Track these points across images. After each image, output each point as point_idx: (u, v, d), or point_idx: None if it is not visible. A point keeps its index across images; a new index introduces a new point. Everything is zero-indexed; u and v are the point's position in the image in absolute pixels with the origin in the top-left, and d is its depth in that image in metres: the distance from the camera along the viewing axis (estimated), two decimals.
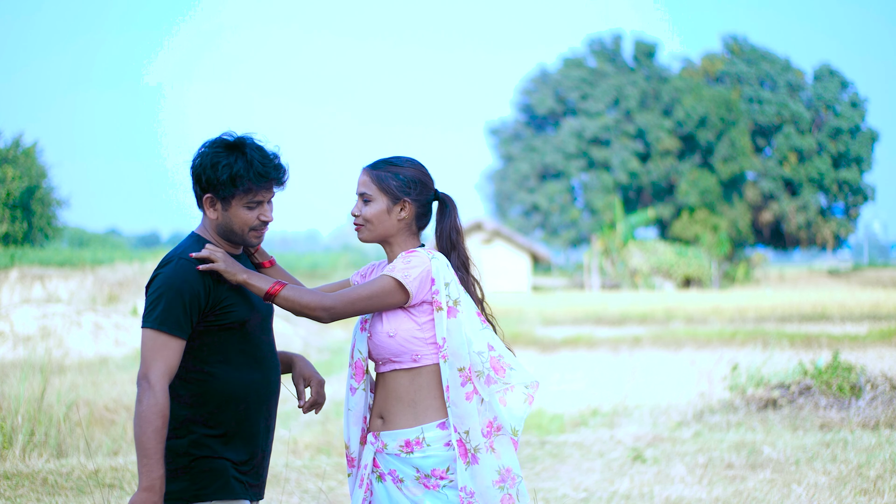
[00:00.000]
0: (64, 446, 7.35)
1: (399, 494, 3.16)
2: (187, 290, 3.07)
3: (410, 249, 3.26)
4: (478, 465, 3.12)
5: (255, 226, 3.16)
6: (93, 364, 14.75)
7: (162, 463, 2.98)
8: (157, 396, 3.00)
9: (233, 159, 3.11)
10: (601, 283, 43.63)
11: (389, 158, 3.31)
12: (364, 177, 3.28)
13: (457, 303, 3.19)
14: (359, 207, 3.28)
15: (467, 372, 3.17)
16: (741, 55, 56.45)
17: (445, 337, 3.16)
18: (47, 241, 36.82)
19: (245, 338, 3.17)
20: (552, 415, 10.14)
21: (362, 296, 3.14)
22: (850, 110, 54.53)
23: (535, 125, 57.65)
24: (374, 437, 3.24)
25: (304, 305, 3.09)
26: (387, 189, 3.25)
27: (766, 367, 11.20)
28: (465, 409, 3.15)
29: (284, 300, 3.09)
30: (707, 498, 6.36)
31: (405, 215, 3.27)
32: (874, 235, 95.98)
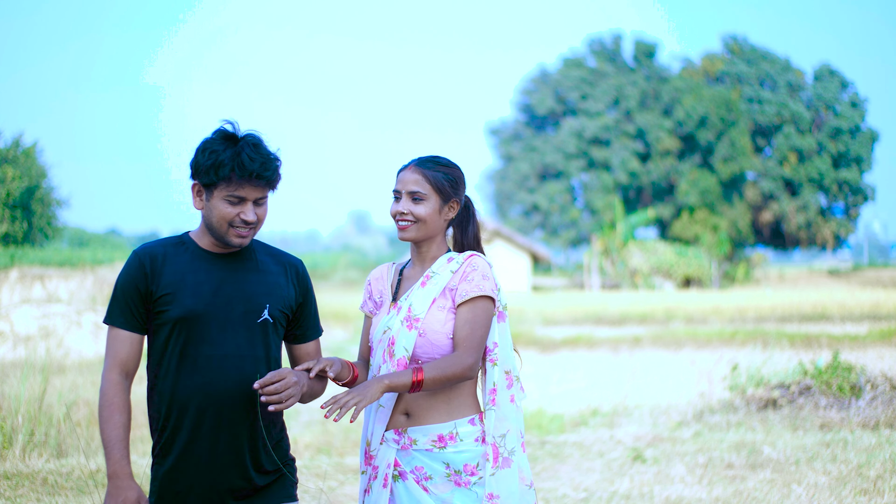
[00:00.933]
0: (64, 446, 7.35)
1: (422, 493, 3.11)
2: (126, 281, 3.05)
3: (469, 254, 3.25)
4: (509, 469, 3.16)
5: (234, 223, 3.00)
6: (93, 364, 14.75)
7: (119, 448, 2.97)
8: (103, 388, 3.03)
9: (222, 148, 2.98)
10: (601, 283, 43.63)
11: (435, 158, 3.28)
12: (415, 175, 3.22)
13: (505, 308, 3.26)
14: (407, 205, 3.21)
15: (511, 375, 3.23)
16: (741, 55, 56.46)
17: (497, 341, 3.20)
18: (47, 241, 36.82)
19: (189, 337, 3.00)
20: (552, 415, 10.13)
21: (481, 331, 3.13)
22: (850, 110, 54.53)
23: (535, 125, 57.66)
24: (396, 435, 3.18)
25: (452, 377, 3.07)
26: (440, 188, 3.21)
27: (766, 367, 11.19)
28: (508, 411, 3.19)
29: (433, 382, 3.05)
30: (707, 498, 6.36)
31: (451, 216, 3.27)
32: (874, 235, 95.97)
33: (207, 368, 3.00)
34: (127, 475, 2.97)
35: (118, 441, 2.98)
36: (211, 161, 2.98)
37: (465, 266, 3.20)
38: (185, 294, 3.01)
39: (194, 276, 3.04)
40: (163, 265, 3.05)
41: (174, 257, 3.08)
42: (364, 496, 3.25)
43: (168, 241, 3.13)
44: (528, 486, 3.22)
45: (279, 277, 3.13)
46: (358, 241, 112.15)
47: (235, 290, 3.05)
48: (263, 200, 3.04)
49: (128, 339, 3.05)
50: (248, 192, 2.99)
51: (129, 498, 2.97)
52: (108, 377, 3.04)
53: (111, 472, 2.98)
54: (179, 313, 3.00)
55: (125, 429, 3.02)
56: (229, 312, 3.02)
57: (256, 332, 3.04)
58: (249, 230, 3.03)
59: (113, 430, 2.99)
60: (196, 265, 3.06)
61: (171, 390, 3.03)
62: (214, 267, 3.07)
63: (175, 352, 3.02)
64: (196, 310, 3.00)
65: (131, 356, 3.05)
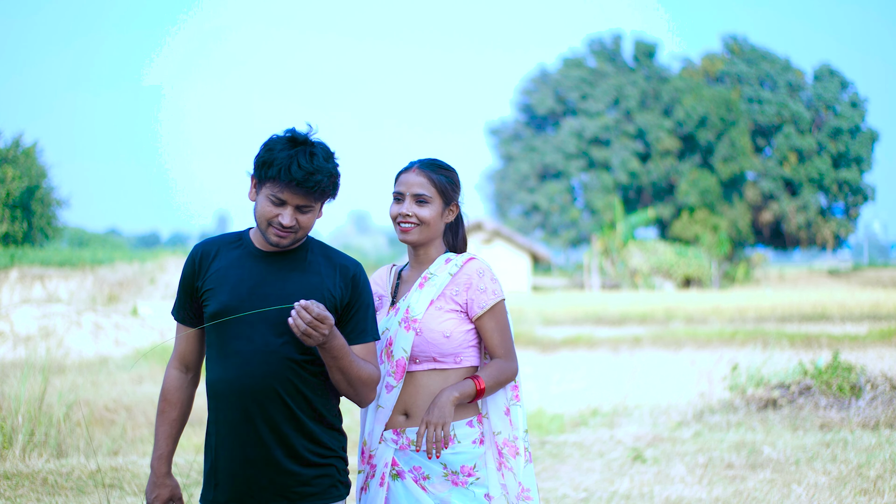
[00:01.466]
0: (64, 446, 7.35)
1: (420, 492, 3.13)
2: (182, 276, 3.16)
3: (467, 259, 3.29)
4: (531, 464, 3.26)
5: (272, 222, 3.01)
6: (93, 364, 14.76)
7: (163, 444, 3.13)
8: (163, 381, 3.19)
9: (279, 148, 3.00)
10: (601, 283, 43.63)
11: (436, 161, 3.31)
12: (420, 177, 3.24)
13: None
14: (411, 207, 3.23)
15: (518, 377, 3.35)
16: (741, 55, 56.46)
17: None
18: (47, 241, 36.82)
19: (219, 332, 3.05)
20: (552, 415, 10.14)
21: (509, 333, 3.26)
22: (850, 110, 54.53)
23: (535, 125, 57.66)
24: (395, 435, 3.20)
25: (505, 382, 3.22)
26: (444, 192, 3.26)
27: (766, 367, 11.20)
28: (523, 411, 3.29)
29: (491, 389, 3.19)
30: (707, 498, 6.36)
31: (451, 218, 3.32)
32: (874, 235, 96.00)
33: (237, 363, 3.02)
34: (164, 473, 3.11)
35: (164, 437, 3.13)
36: (265, 158, 3.00)
37: (466, 271, 3.21)
38: (224, 290, 3.06)
39: (237, 273, 3.07)
40: (212, 261, 3.11)
41: (226, 253, 3.12)
42: (361, 494, 3.26)
43: (227, 237, 3.17)
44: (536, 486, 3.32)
45: (325, 279, 3.10)
46: (358, 241, 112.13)
47: (274, 288, 3.05)
48: (309, 209, 3.02)
49: (185, 333, 3.16)
50: (289, 196, 2.99)
51: (162, 495, 3.11)
52: (169, 371, 3.19)
53: (151, 466, 3.14)
54: (215, 308, 3.05)
55: (174, 425, 3.15)
56: (257, 302, 3.03)
57: (290, 331, 3.02)
58: (288, 233, 3.02)
59: (162, 424, 3.15)
60: (242, 262, 3.09)
61: (210, 384, 3.09)
62: (260, 265, 3.08)
63: (213, 346, 3.08)
64: (230, 305, 3.03)
65: (189, 350, 3.17)
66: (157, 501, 3.11)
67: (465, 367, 3.22)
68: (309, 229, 3.06)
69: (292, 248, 3.11)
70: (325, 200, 3.08)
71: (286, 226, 3.00)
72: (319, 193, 3.00)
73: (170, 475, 3.12)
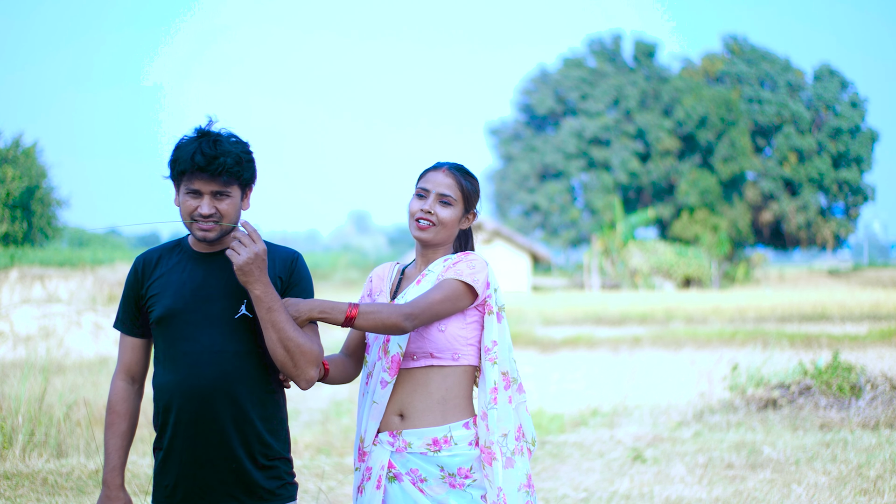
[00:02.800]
0: (64, 446, 7.35)
1: (418, 494, 3.12)
2: (126, 287, 3.18)
3: (464, 252, 3.27)
4: (513, 469, 3.16)
5: (194, 216, 3.02)
6: (93, 364, 14.75)
7: (114, 457, 3.11)
8: (109, 394, 3.17)
9: (185, 142, 3.04)
10: (601, 283, 43.62)
11: (464, 167, 3.31)
12: (449, 178, 3.24)
13: (502, 309, 3.24)
14: (433, 206, 3.22)
15: (508, 376, 3.23)
16: (741, 55, 56.46)
17: (497, 340, 3.19)
18: (47, 241, 36.83)
19: (167, 335, 3.06)
20: (552, 415, 10.13)
21: (437, 299, 3.08)
22: (850, 110, 54.53)
23: (535, 125, 57.65)
24: (391, 437, 3.19)
25: (386, 319, 3.02)
26: (468, 198, 3.26)
27: (766, 367, 11.19)
28: (507, 411, 3.19)
29: (365, 320, 3.02)
30: (707, 498, 6.36)
31: (466, 225, 3.31)
32: (874, 235, 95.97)
33: (185, 365, 3.04)
34: (117, 486, 3.10)
35: (115, 450, 3.12)
36: (173, 157, 3.05)
37: (463, 260, 3.21)
38: (167, 294, 3.08)
39: (178, 277, 3.10)
40: (154, 268, 3.14)
41: (166, 260, 3.15)
42: (357, 495, 3.26)
43: (166, 244, 3.21)
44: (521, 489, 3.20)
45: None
46: (358, 241, 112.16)
47: (216, 287, 3.07)
48: (225, 195, 3.03)
49: (130, 344, 3.17)
50: (201, 185, 3.01)
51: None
52: (114, 383, 3.18)
53: (104, 480, 3.11)
54: (160, 312, 3.07)
55: (124, 437, 3.13)
56: (208, 310, 3.05)
57: (236, 327, 3.05)
58: (211, 224, 3.03)
59: (112, 437, 3.13)
60: (182, 266, 3.12)
61: (158, 388, 3.09)
62: (200, 266, 3.11)
63: (160, 350, 3.10)
64: (175, 308, 3.05)
65: (135, 360, 3.17)
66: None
67: (463, 364, 3.19)
68: (231, 217, 3.06)
69: (227, 245, 3.10)
70: (244, 186, 3.09)
71: (205, 215, 3.02)
72: (228, 176, 3.01)
73: (122, 488, 3.11)
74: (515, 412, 3.23)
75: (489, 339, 3.18)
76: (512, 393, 3.23)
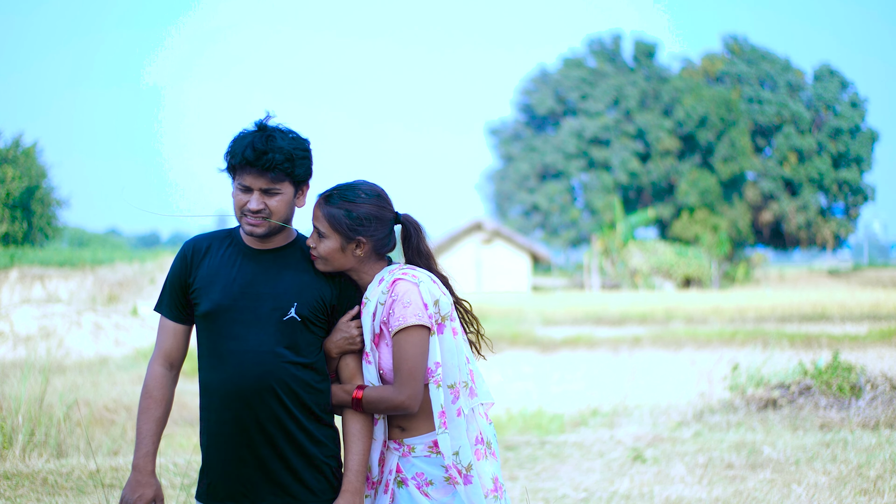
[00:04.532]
0: (64, 446, 7.35)
1: (423, 499, 3.13)
2: (172, 271, 3.13)
3: (394, 273, 3.17)
4: (471, 485, 3.12)
5: (244, 211, 3.02)
6: (93, 364, 14.76)
7: (147, 442, 3.05)
8: (145, 379, 3.12)
9: (240, 136, 3.03)
10: (601, 283, 43.63)
11: (344, 190, 3.16)
12: (317, 210, 3.15)
13: (444, 318, 3.17)
14: (314, 239, 3.14)
15: (457, 387, 3.18)
16: (741, 55, 56.45)
17: (439, 361, 3.13)
18: (47, 241, 36.83)
19: (213, 331, 3.04)
20: (552, 415, 10.14)
21: (413, 363, 3.08)
22: (850, 110, 54.53)
23: (535, 125, 57.65)
24: (396, 444, 3.20)
25: (387, 409, 3.11)
26: (339, 228, 3.11)
27: (766, 367, 11.20)
28: (457, 426, 3.14)
29: (368, 404, 3.10)
30: (707, 498, 6.36)
31: (360, 252, 3.16)
32: (874, 235, 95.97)
33: (231, 364, 3.01)
34: (149, 472, 3.05)
35: (148, 435, 3.07)
36: (227, 150, 3.03)
37: (389, 296, 3.14)
38: (216, 289, 3.04)
39: (228, 271, 3.06)
40: (203, 257, 3.10)
41: (217, 250, 3.11)
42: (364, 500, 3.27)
43: (218, 233, 3.17)
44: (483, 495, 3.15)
45: (316, 276, 3.11)
46: None
47: (266, 287, 3.04)
48: (275, 192, 3.01)
49: (171, 329, 3.12)
50: (251, 180, 2.99)
51: (146, 495, 3.05)
52: (152, 368, 3.12)
53: (134, 465, 3.06)
54: (207, 307, 3.04)
55: (158, 423, 3.09)
56: (257, 309, 3.02)
57: (284, 329, 3.02)
58: (259, 220, 3.02)
59: (146, 422, 3.08)
60: (234, 260, 3.08)
61: (203, 384, 3.08)
62: (251, 263, 3.08)
63: (204, 345, 3.07)
64: (223, 304, 3.03)
65: (175, 346, 3.13)
66: (141, 501, 3.05)
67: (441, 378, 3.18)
68: (282, 215, 3.04)
69: (280, 244, 3.10)
70: (296, 183, 3.05)
71: (254, 210, 3.00)
72: (279, 173, 2.98)
73: (153, 474, 3.08)
74: (468, 421, 3.18)
75: (432, 360, 3.13)
76: (462, 403, 3.18)
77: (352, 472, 3.06)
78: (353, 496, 3.05)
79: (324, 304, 3.09)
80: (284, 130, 3.04)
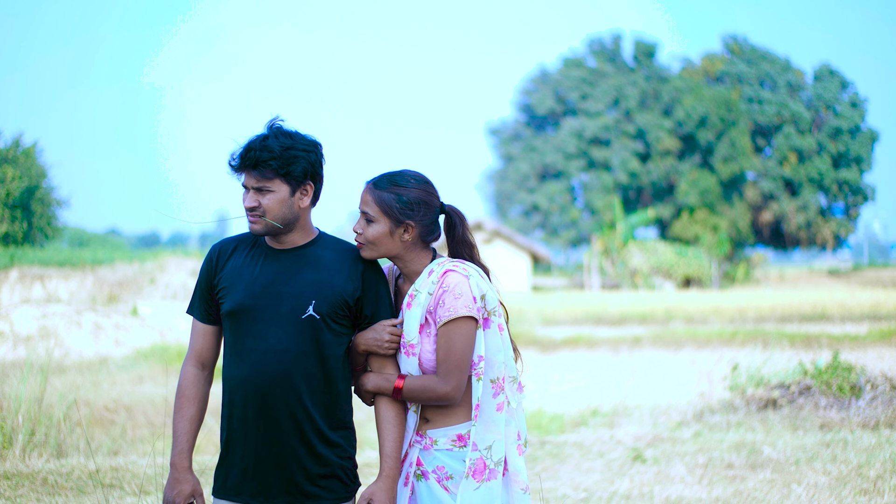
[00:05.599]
0: (64, 446, 7.35)
1: (443, 493, 3.13)
2: (201, 273, 3.21)
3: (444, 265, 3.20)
4: (496, 480, 3.13)
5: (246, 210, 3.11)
6: (93, 364, 14.77)
7: (182, 440, 3.13)
8: (179, 378, 3.21)
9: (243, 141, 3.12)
10: (601, 283, 43.63)
11: (394, 176, 3.22)
12: (367, 195, 3.20)
13: (491, 312, 3.19)
14: (361, 225, 3.19)
15: (500, 382, 3.18)
16: (741, 55, 56.46)
17: (482, 354, 3.15)
18: (47, 241, 36.83)
19: (236, 329, 3.10)
20: (552, 415, 10.14)
21: (460, 354, 3.10)
22: (850, 110, 54.53)
23: (535, 125, 57.66)
24: (418, 437, 3.20)
25: (429, 400, 3.13)
26: (389, 212, 3.16)
27: (766, 367, 11.20)
28: (494, 420, 3.15)
29: (409, 397, 3.12)
30: (707, 498, 6.36)
31: (408, 237, 3.20)
32: (874, 235, 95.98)
33: (251, 361, 3.07)
34: (185, 468, 3.12)
35: (183, 433, 3.14)
36: (231, 153, 3.11)
37: (439, 287, 3.17)
38: (238, 288, 3.11)
39: (251, 271, 3.13)
40: (228, 259, 3.17)
41: (241, 252, 3.18)
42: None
43: (244, 235, 3.23)
44: (522, 491, 3.19)
45: (335, 273, 3.13)
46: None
47: (286, 286, 3.10)
48: (267, 190, 3.07)
49: (202, 330, 3.20)
50: (246, 179, 3.09)
51: (184, 491, 3.12)
52: (185, 368, 3.21)
53: (171, 463, 3.14)
54: (230, 307, 3.11)
55: (192, 421, 3.16)
56: (277, 308, 3.08)
57: (303, 328, 3.07)
58: (255, 217, 3.08)
59: (179, 421, 3.15)
60: (256, 260, 3.15)
61: (224, 381, 3.14)
62: (273, 263, 3.13)
63: (228, 343, 3.14)
64: (244, 304, 3.09)
65: (206, 347, 3.20)
66: (179, 497, 3.11)
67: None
68: (276, 213, 3.07)
69: (299, 243, 3.15)
70: (292, 183, 3.08)
71: (248, 208, 3.08)
72: (266, 171, 3.04)
73: (190, 470, 3.14)
74: (509, 416, 3.19)
75: (476, 354, 3.15)
76: (508, 396, 3.19)
77: (389, 458, 3.10)
78: (391, 481, 3.10)
79: (344, 301, 3.12)
80: (287, 132, 3.09)
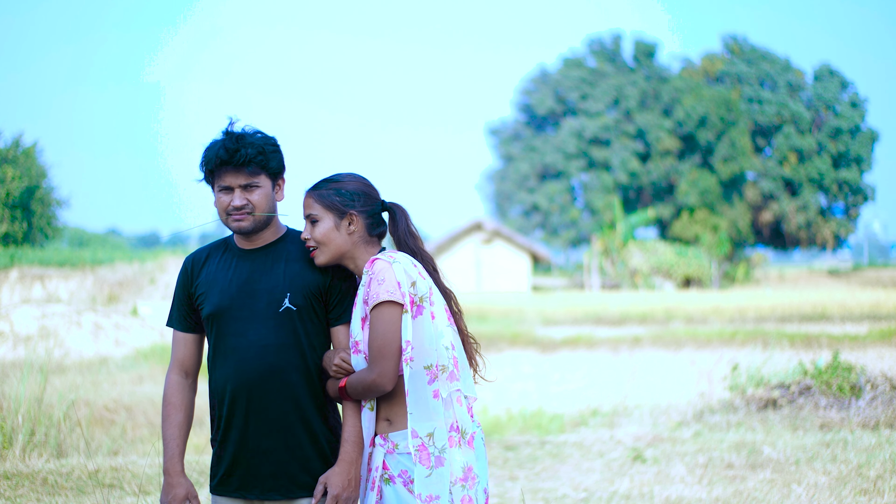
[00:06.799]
0: (64, 446, 7.35)
1: (409, 496, 3.14)
2: (177, 285, 3.32)
3: (371, 259, 3.22)
4: (443, 467, 3.13)
5: (229, 210, 3.18)
6: (93, 364, 14.76)
7: (172, 446, 3.22)
8: (164, 388, 3.30)
9: (211, 144, 3.19)
10: (601, 283, 43.62)
11: (329, 176, 3.32)
12: (308, 199, 3.27)
13: (422, 300, 3.18)
14: (308, 230, 3.25)
15: (434, 369, 3.17)
16: (741, 55, 56.45)
17: (409, 340, 3.14)
18: (47, 241, 36.82)
19: (217, 331, 3.20)
20: (552, 415, 10.14)
21: (382, 340, 3.12)
22: (850, 110, 54.52)
23: (535, 125, 57.65)
24: (382, 440, 3.22)
25: (366, 392, 3.16)
26: (330, 205, 3.24)
27: (766, 367, 11.20)
28: (432, 407, 3.15)
29: (351, 390, 3.17)
30: (707, 498, 6.36)
31: (354, 228, 3.25)
32: (874, 235, 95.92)
33: (234, 359, 3.17)
34: (177, 472, 3.21)
35: (172, 439, 3.23)
36: (201, 160, 3.20)
37: (367, 276, 3.19)
38: (215, 292, 3.21)
39: (225, 274, 3.23)
40: (202, 267, 3.27)
41: (214, 259, 3.28)
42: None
43: (214, 243, 3.35)
44: (456, 483, 3.14)
45: (306, 265, 3.24)
46: None
47: (260, 283, 3.19)
48: (255, 187, 3.17)
49: (182, 340, 3.29)
50: (230, 179, 3.16)
51: (178, 495, 3.19)
52: (169, 377, 3.30)
53: (164, 469, 3.23)
54: (209, 310, 3.21)
55: (181, 427, 3.25)
56: (254, 305, 3.17)
57: (281, 321, 3.17)
58: (244, 215, 3.17)
59: (168, 428, 3.24)
60: (229, 263, 3.25)
61: (212, 382, 3.23)
62: (245, 263, 3.23)
63: (212, 345, 3.23)
64: (222, 305, 3.19)
65: (188, 355, 3.29)
66: (175, 501, 3.19)
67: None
68: (264, 209, 3.18)
69: (269, 240, 3.24)
70: (273, 176, 3.22)
71: (237, 207, 3.15)
72: (254, 167, 3.15)
73: (183, 474, 3.21)
74: (445, 406, 3.17)
75: (403, 339, 3.14)
76: (439, 385, 3.17)
77: (346, 443, 3.16)
78: (349, 465, 3.15)
79: (319, 290, 3.22)
80: (251, 131, 3.21)
